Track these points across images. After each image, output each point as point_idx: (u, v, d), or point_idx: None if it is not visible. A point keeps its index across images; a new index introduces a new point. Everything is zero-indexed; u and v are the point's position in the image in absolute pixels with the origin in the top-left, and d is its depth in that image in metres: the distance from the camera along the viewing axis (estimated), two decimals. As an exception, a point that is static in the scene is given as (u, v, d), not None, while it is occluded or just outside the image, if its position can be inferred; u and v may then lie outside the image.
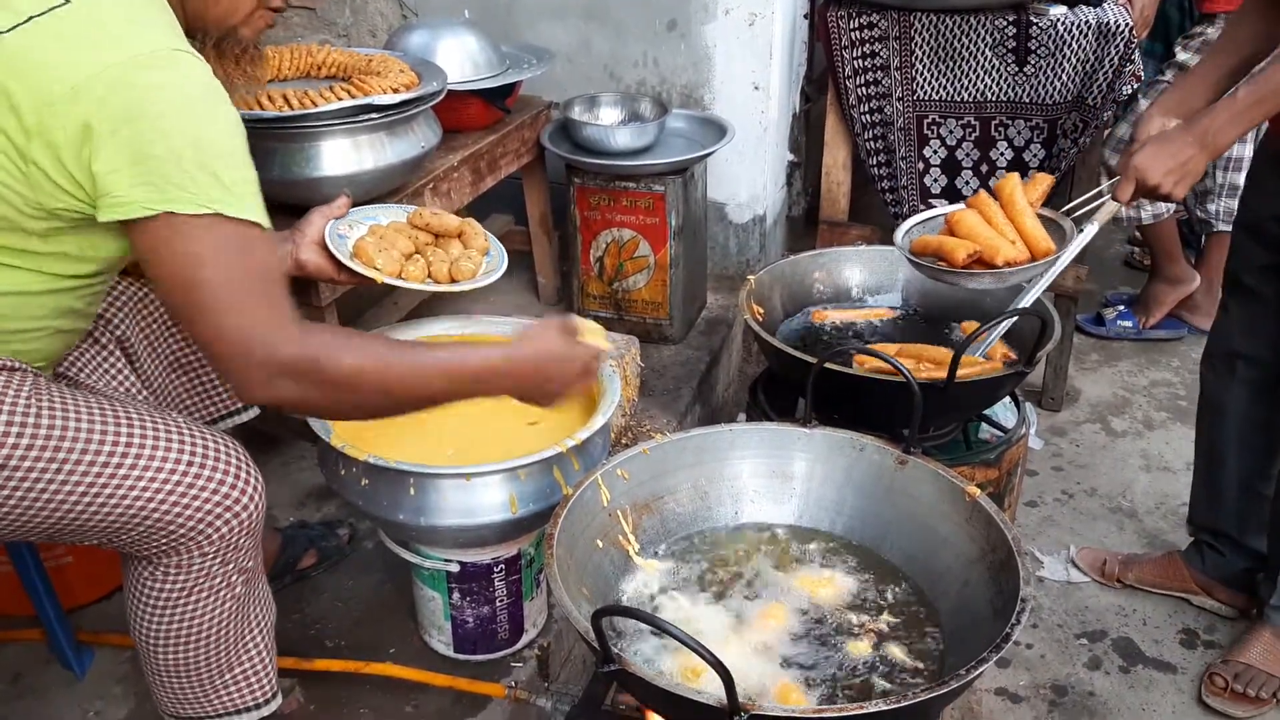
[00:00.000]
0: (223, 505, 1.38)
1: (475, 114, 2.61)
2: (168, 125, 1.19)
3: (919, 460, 1.58)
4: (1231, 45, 1.93)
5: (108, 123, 1.17)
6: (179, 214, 1.19)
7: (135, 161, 1.18)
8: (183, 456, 1.36)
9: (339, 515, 2.24)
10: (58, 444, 1.28)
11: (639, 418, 2.55)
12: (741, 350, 3.19)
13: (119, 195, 1.19)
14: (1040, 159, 2.85)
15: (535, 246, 3.05)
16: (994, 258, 1.87)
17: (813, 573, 1.58)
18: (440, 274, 1.74)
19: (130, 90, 1.18)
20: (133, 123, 1.18)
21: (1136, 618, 2.35)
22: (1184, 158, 1.75)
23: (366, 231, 1.76)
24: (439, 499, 1.61)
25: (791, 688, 1.36)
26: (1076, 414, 3.12)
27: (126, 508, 1.33)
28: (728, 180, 3.12)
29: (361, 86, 2.05)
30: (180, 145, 1.19)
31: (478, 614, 1.81)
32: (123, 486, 1.32)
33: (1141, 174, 1.78)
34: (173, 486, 1.35)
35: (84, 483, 1.30)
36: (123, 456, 1.32)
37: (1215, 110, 1.76)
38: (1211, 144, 1.74)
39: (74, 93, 1.17)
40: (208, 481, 1.37)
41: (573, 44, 3.09)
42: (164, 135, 1.19)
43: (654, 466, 1.62)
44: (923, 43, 2.81)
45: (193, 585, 1.42)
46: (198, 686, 1.52)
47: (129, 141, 1.18)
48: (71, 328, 1.41)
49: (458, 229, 1.82)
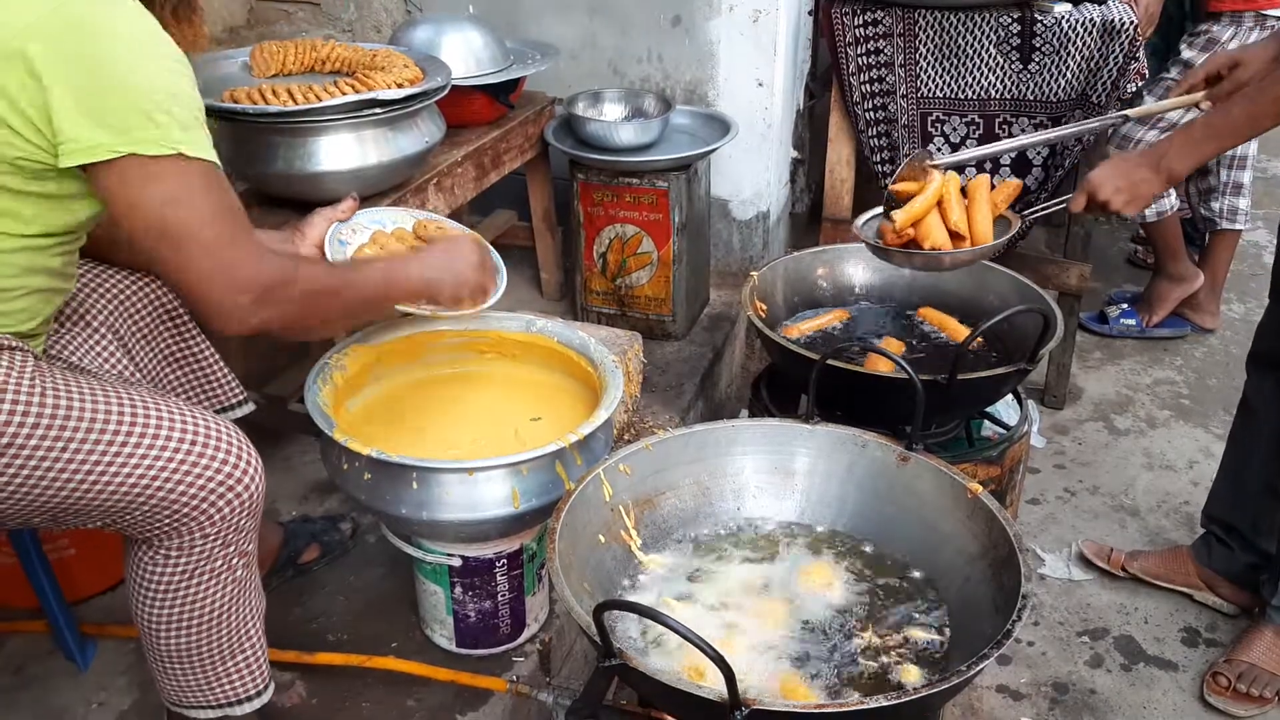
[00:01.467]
0: (224, 485, 1.39)
1: (479, 109, 2.61)
2: (122, 68, 1.22)
3: (921, 457, 1.58)
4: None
5: (60, 67, 1.19)
6: (143, 154, 1.23)
7: (93, 106, 1.21)
8: (185, 436, 1.37)
9: (341, 510, 2.24)
10: (62, 423, 1.29)
11: (641, 414, 2.56)
12: (744, 347, 3.19)
13: (80, 139, 1.22)
14: (1044, 156, 2.85)
15: (538, 242, 3.05)
16: (923, 240, 1.92)
17: (815, 569, 1.58)
18: None
19: (79, 33, 1.20)
20: (86, 66, 1.20)
21: (1138, 616, 2.35)
22: (1136, 179, 1.79)
23: (369, 239, 1.75)
24: (441, 493, 1.61)
25: (796, 682, 1.36)
26: (1079, 412, 3.12)
27: (130, 487, 1.34)
28: (731, 177, 3.12)
29: (366, 81, 2.05)
30: (136, 88, 1.22)
31: (480, 608, 1.82)
32: (126, 465, 1.33)
33: (1093, 188, 1.82)
34: (175, 465, 1.35)
35: (88, 462, 1.31)
36: (126, 435, 1.33)
37: (1172, 138, 1.80)
38: (1165, 169, 1.77)
39: (22, 37, 1.18)
40: (210, 461, 1.38)
41: (577, 40, 3.08)
42: (119, 78, 1.22)
43: (656, 462, 1.62)
44: (927, 40, 2.81)
45: (194, 567, 1.43)
46: (200, 674, 1.52)
47: (84, 86, 1.20)
48: (49, 286, 1.40)
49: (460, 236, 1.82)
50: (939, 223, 1.94)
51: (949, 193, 1.96)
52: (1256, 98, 1.72)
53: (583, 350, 1.88)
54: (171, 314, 1.73)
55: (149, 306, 1.70)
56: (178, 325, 1.74)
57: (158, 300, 1.71)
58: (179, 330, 1.74)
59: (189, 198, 1.26)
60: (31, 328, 1.40)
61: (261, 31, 3.18)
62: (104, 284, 1.66)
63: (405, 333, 1.90)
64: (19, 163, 1.25)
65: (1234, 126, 1.74)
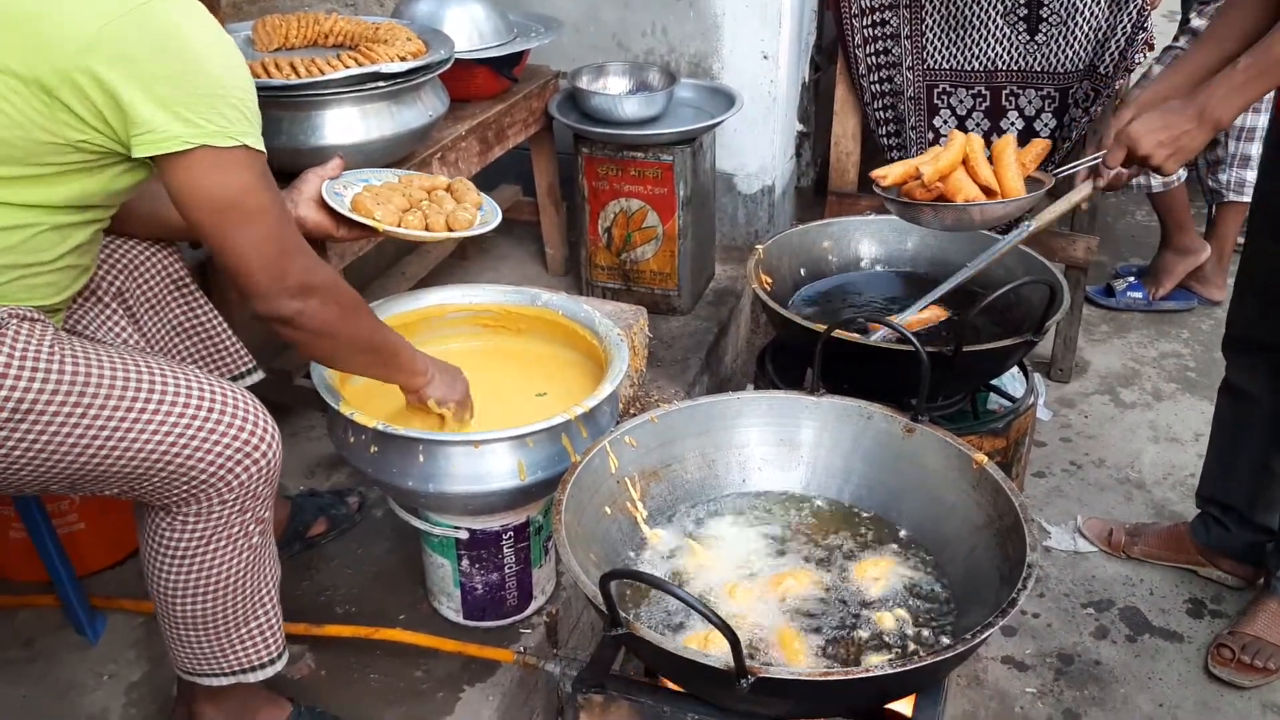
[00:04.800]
0: (242, 452, 1.39)
1: (483, 83, 2.60)
2: (198, 62, 1.27)
3: (927, 428, 1.59)
4: (1218, 37, 1.87)
5: (139, 61, 1.24)
6: (214, 146, 1.28)
7: (171, 98, 1.25)
8: (203, 403, 1.37)
9: (348, 484, 2.25)
10: (81, 390, 1.30)
11: (647, 388, 2.56)
12: (750, 321, 3.19)
13: (159, 130, 1.26)
14: (1051, 128, 2.83)
15: (543, 217, 3.05)
16: (954, 196, 1.87)
17: (821, 538, 1.58)
18: (437, 224, 1.75)
19: (157, 28, 1.25)
20: (165, 60, 1.25)
21: (1143, 587, 2.36)
22: (1178, 130, 1.70)
23: (361, 189, 1.78)
24: (448, 466, 1.62)
25: (793, 635, 1.37)
26: (1085, 385, 3.11)
27: (150, 453, 1.34)
28: (736, 150, 3.10)
29: (369, 55, 2.04)
30: (211, 81, 1.28)
31: (487, 581, 1.82)
32: (145, 432, 1.34)
33: (1133, 141, 1.74)
34: (194, 432, 1.36)
35: (107, 428, 1.32)
36: (145, 402, 1.34)
37: (1214, 84, 1.70)
38: (1210, 118, 1.69)
39: (98, 33, 1.22)
40: (228, 428, 1.38)
41: (581, 13, 3.07)
42: (196, 72, 1.27)
43: (662, 434, 1.63)
44: (933, 11, 2.79)
45: (211, 534, 1.44)
46: (214, 641, 1.53)
47: (163, 78, 1.25)
48: (78, 263, 1.42)
49: (447, 184, 1.86)
50: (968, 179, 1.89)
51: (974, 151, 1.91)
52: None
53: (588, 324, 1.88)
54: (179, 283, 1.74)
55: (158, 276, 1.70)
56: (186, 295, 1.74)
57: (166, 270, 1.71)
58: (187, 299, 1.75)
59: (250, 184, 1.33)
60: (56, 303, 1.41)
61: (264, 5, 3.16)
62: (113, 254, 1.66)
63: (412, 307, 1.90)
64: (82, 145, 1.29)
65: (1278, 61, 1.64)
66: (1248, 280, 2.10)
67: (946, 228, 2.02)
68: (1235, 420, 2.21)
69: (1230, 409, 2.22)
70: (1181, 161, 1.74)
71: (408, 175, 1.89)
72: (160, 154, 1.27)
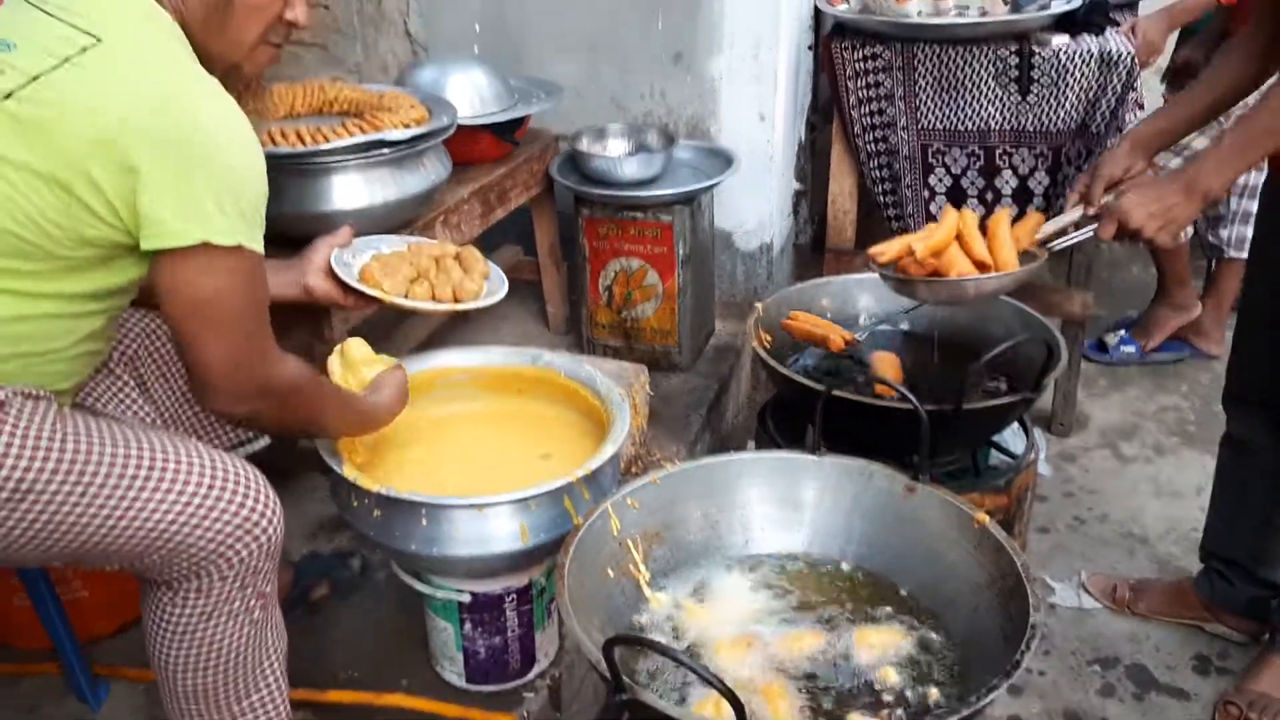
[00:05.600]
0: (242, 529, 1.40)
1: (485, 147, 2.64)
2: (210, 159, 1.27)
3: (928, 487, 1.59)
4: (1216, 79, 1.91)
5: (153, 156, 1.24)
6: (214, 244, 1.28)
7: (180, 194, 1.26)
8: (204, 480, 1.38)
9: (351, 546, 2.25)
10: (82, 468, 1.31)
11: (649, 446, 2.56)
12: (750, 377, 3.20)
13: (165, 225, 1.27)
14: (1045, 186, 2.87)
15: (544, 276, 3.07)
16: (948, 271, 1.90)
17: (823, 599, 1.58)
18: (444, 295, 1.77)
19: (172, 123, 1.25)
20: (178, 156, 1.25)
21: (1149, 644, 2.35)
22: (1169, 203, 1.73)
23: (370, 258, 1.80)
24: (451, 529, 1.62)
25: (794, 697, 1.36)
26: (1086, 439, 3.12)
27: (149, 530, 1.35)
28: (735, 209, 3.14)
29: (373, 122, 2.08)
30: (220, 179, 1.28)
31: (489, 644, 1.82)
32: (145, 509, 1.34)
33: (1125, 215, 1.76)
34: (194, 509, 1.36)
35: (107, 506, 1.32)
36: (145, 480, 1.34)
37: (1202, 158, 1.73)
38: (1199, 190, 1.71)
39: (118, 127, 1.23)
40: (228, 504, 1.39)
41: (580, 77, 3.12)
42: (207, 169, 1.27)
43: (664, 495, 1.63)
44: (926, 73, 2.84)
45: (212, 610, 1.44)
46: (216, 714, 1.52)
47: (175, 174, 1.25)
48: (92, 349, 1.44)
49: (455, 253, 1.88)
50: (961, 255, 1.92)
51: (967, 227, 1.94)
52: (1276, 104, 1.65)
53: (589, 384, 1.90)
54: None
55: (169, 344, 1.72)
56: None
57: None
58: None
59: (235, 286, 1.33)
60: (67, 387, 1.43)
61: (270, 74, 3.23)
62: (125, 322, 1.68)
63: (413, 369, 1.91)
64: (96, 240, 1.30)
65: (1264, 132, 1.67)
66: (1246, 333, 2.12)
67: (941, 302, 2.06)
68: (1236, 474, 2.21)
69: (1231, 462, 2.22)
70: (1174, 233, 1.76)
71: (417, 243, 1.91)
72: (162, 248, 1.27)
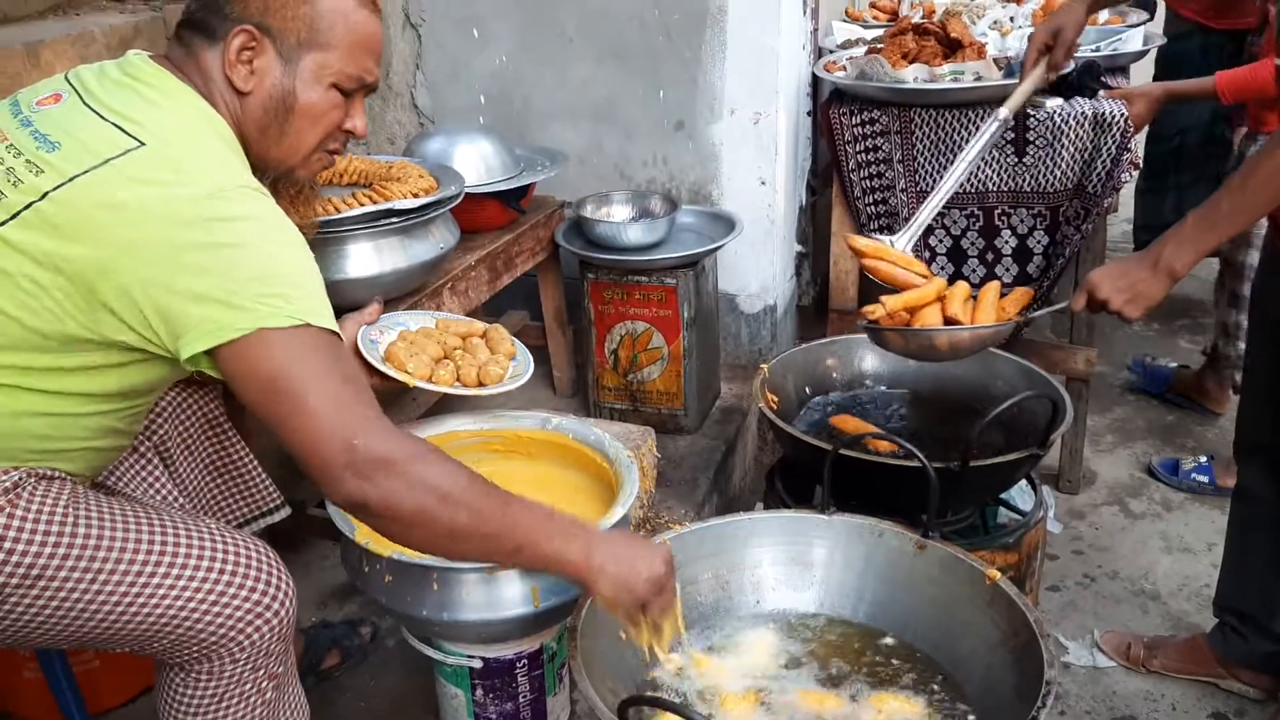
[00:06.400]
0: (253, 612, 1.40)
1: (492, 215, 2.68)
2: (251, 252, 1.24)
3: (938, 545, 1.60)
4: None
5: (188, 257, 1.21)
6: (270, 328, 1.22)
7: (222, 288, 1.21)
8: (214, 564, 1.38)
9: (361, 614, 2.24)
10: (93, 554, 1.31)
11: (657, 509, 2.56)
12: (757, 439, 3.21)
13: (204, 325, 1.21)
14: (1044, 245, 2.91)
15: (550, 341, 3.10)
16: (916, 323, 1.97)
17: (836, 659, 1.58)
18: (469, 378, 1.78)
19: (209, 224, 1.22)
20: (216, 253, 1.22)
21: (1165, 703, 2.32)
22: (1135, 279, 1.77)
23: (397, 337, 1.82)
24: (462, 594, 1.63)
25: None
26: (1094, 496, 3.11)
27: (159, 617, 1.35)
28: (738, 272, 3.18)
29: (382, 192, 2.12)
30: (264, 269, 1.24)
31: (501, 710, 1.81)
32: (155, 596, 1.34)
33: (1093, 287, 1.81)
34: (204, 595, 1.36)
35: (117, 593, 1.32)
36: (155, 566, 1.34)
37: (1165, 237, 1.78)
38: (1164, 268, 1.75)
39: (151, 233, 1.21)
40: (239, 589, 1.39)
41: (584, 145, 3.18)
42: (248, 261, 1.23)
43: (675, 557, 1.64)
44: (923, 136, 2.90)
45: (224, 692, 1.43)
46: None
47: (213, 270, 1.21)
48: (111, 445, 1.44)
49: (482, 330, 1.88)
50: (938, 314, 1.97)
51: (953, 295, 1.99)
52: (1241, 186, 1.70)
53: (598, 447, 1.91)
54: (214, 424, 1.77)
55: (195, 418, 1.74)
56: (220, 435, 1.78)
57: (203, 411, 1.75)
58: (221, 439, 1.78)
59: (312, 359, 1.23)
60: (87, 474, 1.44)
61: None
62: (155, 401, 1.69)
63: (423, 433, 1.93)
64: (121, 344, 1.27)
65: (1226, 216, 1.72)
66: (1250, 384, 2.14)
67: (911, 354, 2.08)
68: (1246, 526, 2.21)
69: (1241, 514, 2.23)
70: (1142, 308, 1.79)
71: (444, 319, 1.92)
72: (217, 344, 1.21)
